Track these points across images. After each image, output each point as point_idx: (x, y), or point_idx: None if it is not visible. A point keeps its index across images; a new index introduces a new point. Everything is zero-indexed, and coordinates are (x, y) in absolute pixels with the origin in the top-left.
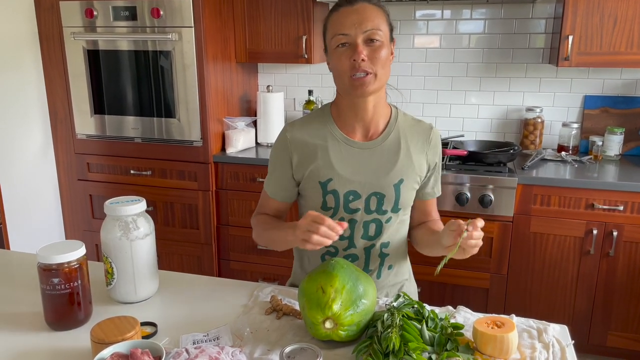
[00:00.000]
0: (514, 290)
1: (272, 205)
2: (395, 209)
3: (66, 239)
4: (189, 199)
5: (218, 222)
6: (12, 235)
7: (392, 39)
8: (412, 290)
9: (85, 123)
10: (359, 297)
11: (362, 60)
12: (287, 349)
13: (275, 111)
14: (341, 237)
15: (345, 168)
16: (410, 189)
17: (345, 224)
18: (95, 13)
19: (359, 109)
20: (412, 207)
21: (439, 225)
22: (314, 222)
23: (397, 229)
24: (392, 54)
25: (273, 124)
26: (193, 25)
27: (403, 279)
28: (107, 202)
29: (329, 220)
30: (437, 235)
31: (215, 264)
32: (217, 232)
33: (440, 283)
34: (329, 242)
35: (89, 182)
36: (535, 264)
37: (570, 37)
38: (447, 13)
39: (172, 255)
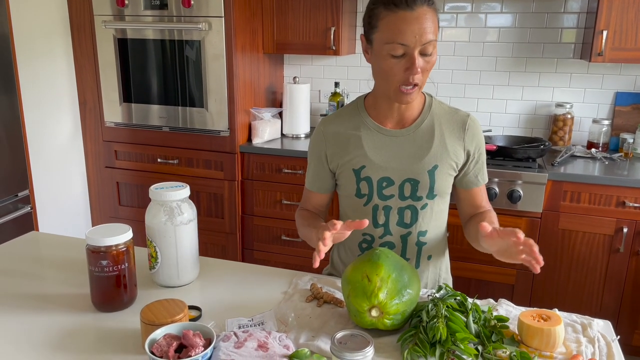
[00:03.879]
0: (540, 287)
1: (312, 198)
2: (431, 195)
3: (93, 225)
4: (215, 188)
5: (243, 211)
6: (41, 220)
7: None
8: (448, 281)
9: (113, 111)
10: (404, 287)
11: (417, 74)
12: (339, 335)
13: (301, 103)
14: (376, 225)
15: (378, 155)
16: (445, 175)
17: (360, 223)
18: (126, 2)
19: (393, 101)
20: (459, 199)
21: (489, 216)
22: (325, 230)
23: (435, 217)
24: None
25: (299, 115)
26: (223, 15)
27: (441, 271)
28: (152, 187)
29: (336, 225)
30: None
31: (240, 253)
32: (241, 222)
33: (465, 278)
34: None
35: (117, 169)
36: (563, 261)
37: (605, 32)
38: (477, 6)
39: None
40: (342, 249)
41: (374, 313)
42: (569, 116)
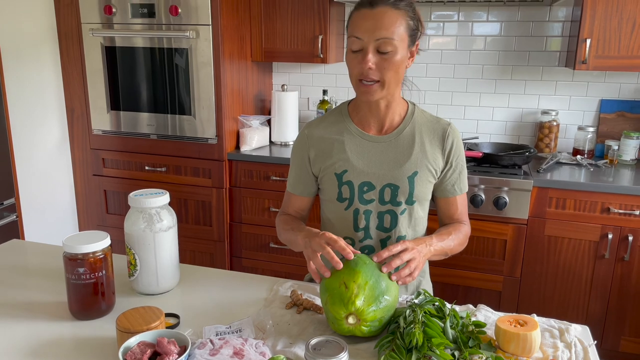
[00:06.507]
0: (527, 293)
1: (294, 201)
2: (410, 200)
3: None
4: (203, 195)
5: (231, 219)
6: (27, 228)
7: (413, 42)
8: (427, 288)
9: (101, 119)
10: (381, 294)
11: (370, 68)
12: (313, 341)
13: (290, 110)
14: (356, 229)
15: (360, 160)
16: (425, 182)
17: (351, 255)
18: (114, 10)
19: (371, 105)
20: (437, 207)
21: (453, 228)
22: (323, 246)
23: (414, 223)
24: (412, 56)
25: (287, 123)
26: (210, 23)
27: (420, 277)
28: (131, 194)
29: (341, 243)
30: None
31: (228, 261)
32: (229, 230)
33: (453, 285)
34: (327, 273)
35: (104, 177)
36: (549, 268)
37: (588, 41)
38: (463, 15)
39: (184, 251)
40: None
41: (351, 320)
42: (555, 123)
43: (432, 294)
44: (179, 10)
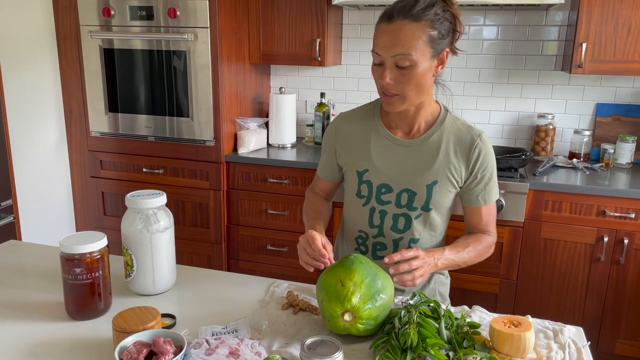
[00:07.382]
0: (523, 296)
1: (320, 183)
2: (426, 207)
3: None
4: (200, 197)
5: (228, 221)
6: (24, 230)
7: (439, 51)
8: (444, 280)
9: (99, 121)
10: (377, 292)
11: (388, 83)
12: (308, 341)
13: (287, 113)
14: (371, 225)
15: (382, 161)
16: (444, 191)
17: (327, 256)
18: (112, 12)
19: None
20: (463, 212)
21: (474, 239)
22: (307, 242)
23: (429, 228)
24: (441, 63)
25: (285, 125)
26: (209, 25)
27: (436, 277)
28: (128, 195)
29: (317, 243)
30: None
31: (225, 263)
32: (227, 232)
33: (450, 287)
34: (316, 264)
35: (102, 179)
36: (545, 270)
37: (584, 45)
38: (460, 19)
39: (181, 254)
40: (343, 241)
41: (347, 317)
42: (551, 127)
43: (449, 286)
44: (178, 13)
